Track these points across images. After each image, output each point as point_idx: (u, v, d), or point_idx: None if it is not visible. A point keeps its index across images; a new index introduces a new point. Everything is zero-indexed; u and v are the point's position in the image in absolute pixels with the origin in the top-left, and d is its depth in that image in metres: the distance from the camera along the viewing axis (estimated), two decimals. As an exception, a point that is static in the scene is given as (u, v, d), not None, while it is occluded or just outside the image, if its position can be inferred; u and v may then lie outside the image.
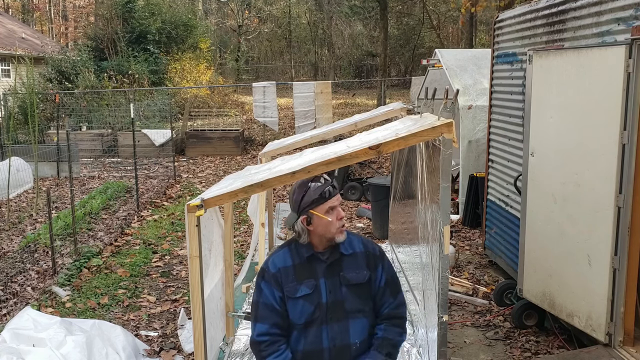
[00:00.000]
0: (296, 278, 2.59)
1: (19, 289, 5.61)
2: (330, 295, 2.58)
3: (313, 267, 2.61)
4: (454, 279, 5.61)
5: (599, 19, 3.93)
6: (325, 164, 2.68)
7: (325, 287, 2.59)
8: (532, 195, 4.41)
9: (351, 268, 2.61)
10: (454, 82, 7.82)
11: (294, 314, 2.59)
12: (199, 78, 21.28)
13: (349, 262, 2.62)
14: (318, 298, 2.58)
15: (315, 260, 2.61)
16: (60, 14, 36.11)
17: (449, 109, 2.89)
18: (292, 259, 2.64)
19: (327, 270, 2.60)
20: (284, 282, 2.60)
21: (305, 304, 2.58)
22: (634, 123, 3.56)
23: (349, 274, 2.60)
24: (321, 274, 2.60)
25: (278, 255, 2.68)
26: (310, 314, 2.57)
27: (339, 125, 5.69)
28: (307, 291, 2.57)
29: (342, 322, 2.59)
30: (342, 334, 2.58)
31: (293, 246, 2.67)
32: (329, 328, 2.57)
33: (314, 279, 2.59)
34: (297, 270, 2.61)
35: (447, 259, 2.90)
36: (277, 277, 2.61)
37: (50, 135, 13.45)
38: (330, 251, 2.61)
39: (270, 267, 2.64)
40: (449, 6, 23.82)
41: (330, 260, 2.60)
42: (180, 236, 7.58)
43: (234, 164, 13.17)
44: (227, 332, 3.93)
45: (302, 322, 2.59)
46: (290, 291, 2.59)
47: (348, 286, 2.59)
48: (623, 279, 3.73)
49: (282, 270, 2.61)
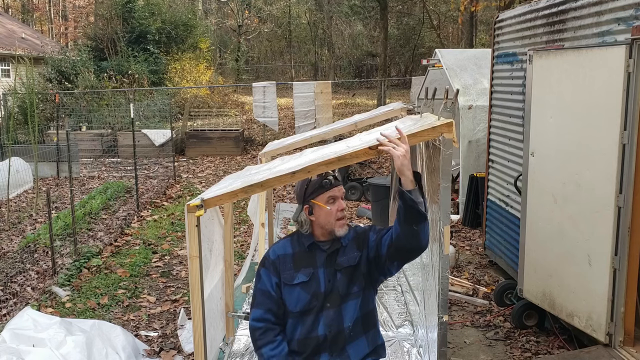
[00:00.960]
0: (294, 265, 2.65)
1: (19, 289, 5.61)
2: (329, 285, 2.61)
3: (313, 256, 2.65)
4: (454, 279, 5.61)
5: (599, 19, 3.93)
6: (325, 164, 2.67)
7: (324, 276, 2.62)
8: (532, 195, 4.41)
9: (344, 255, 2.65)
10: (454, 82, 7.82)
11: (290, 301, 2.63)
12: (199, 78, 21.27)
13: (344, 250, 2.66)
14: (316, 287, 2.61)
15: (316, 249, 2.65)
16: (60, 14, 36.10)
17: (449, 109, 2.89)
18: (293, 247, 2.70)
19: (327, 260, 2.64)
20: (281, 269, 2.65)
21: (301, 292, 2.61)
22: (634, 123, 3.55)
23: (341, 258, 2.63)
24: (320, 264, 2.64)
25: (279, 244, 2.76)
26: (306, 303, 2.61)
27: (339, 125, 5.68)
28: (304, 279, 2.62)
29: (336, 307, 2.61)
30: (337, 319, 2.61)
31: (295, 236, 2.73)
32: (325, 315, 2.60)
33: (312, 268, 2.63)
34: (296, 258, 2.66)
35: (447, 259, 2.90)
36: (276, 263, 2.67)
37: (50, 135, 13.45)
38: (332, 242, 2.65)
39: (271, 254, 2.72)
40: (449, 6, 23.79)
41: (331, 250, 2.64)
42: (180, 236, 7.58)
43: (234, 164, 13.17)
44: (227, 332, 3.92)
45: (298, 311, 2.62)
46: (287, 278, 2.64)
47: (340, 271, 2.62)
48: (623, 279, 3.73)
49: (280, 257, 2.68)
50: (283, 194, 9.98)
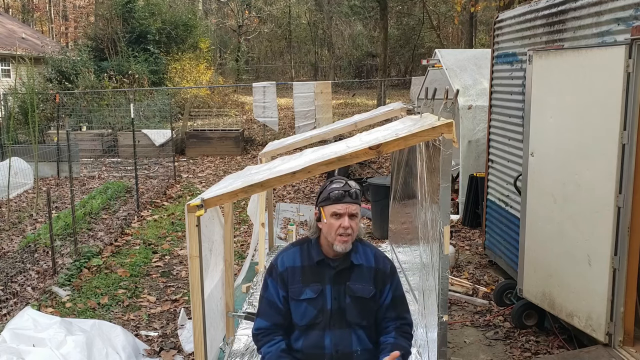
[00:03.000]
0: (302, 280, 2.60)
1: (19, 289, 5.61)
2: (335, 303, 2.58)
3: (321, 272, 2.60)
4: (454, 279, 5.61)
5: (599, 19, 3.93)
6: (325, 164, 2.68)
7: (331, 294, 2.58)
8: (532, 195, 4.41)
9: (358, 280, 2.60)
10: (454, 82, 7.82)
11: (297, 315, 2.60)
12: (199, 78, 21.27)
13: (357, 273, 2.61)
14: (322, 303, 2.57)
15: (325, 265, 2.60)
16: (60, 14, 36.10)
17: (449, 109, 2.89)
18: (302, 259, 2.64)
19: (335, 277, 2.59)
20: (289, 282, 2.61)
21: (308, 307, 2.58)
22: (634, 123, 3.56)
23: (355, 285, 2.59)
24: (328, 280, 2.59)
25: (288, 253, 2.69)
26: (312, 318, 2.58)
27: (339, 125, 5.69)
28: (312, 295, 2.57)
29: (344, 330, 2.58)
30: (345, 340, 2.58)
31: (305, 247, 2.66)
32: (332, 334, 2.57)
33: (320, 284, 2.58)
34: (304, 272, 2.61)
35: (447, 259, 2.90)
36: (284, 276, 2.62)
37: (51, 135, 13.45)
38: (342, 259, 2.59)
39: (279, 265, 2.66)
40: (449, 6, 23.79)
41: (340, 267, 2.59)
42: (180, 236, 7.58)
43: (234, 164, 13.17)
44: (227, 332, 3.93)
45: (304, 324, 2.60)
46: (294, 292, 2.59)
47: (352, 297, 2.58)
48: (623, 279, 3.73)
49: (289, 269, 2.63)
50: (283, 194, 9.98)
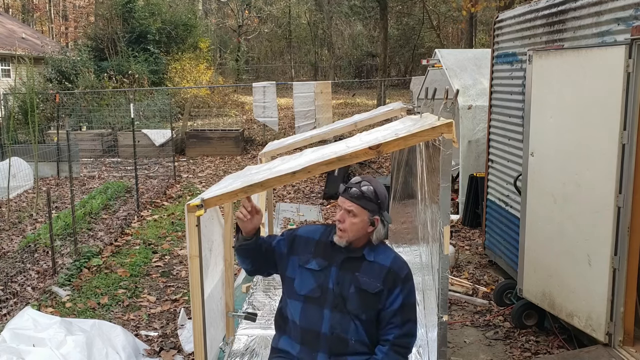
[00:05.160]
0: (314, 252, 2.71)
1: (19, 289, 5.61)
2: (337, 287, 2.63)
3: (332, 253, 2.69)
4: (454, 279, 5.61)
5: (599, 19, 3.93)
6: (325, 164, 2.68)
7: (336, 276, 2.64)
8: (532, 195, 4.41)
9: (367, 273, 2.64)
10: (454, 82, 7.82)
11: (298, 282, 2.70)
12: (199, 78, 21.27)
13: (367, 267, 2.65)
14: (324, 280, 2.64)
15: (337, 249, 2.69)
16: (60, 14, 36.10)
17: (449, 109, 2.89)
18: (321, 235, 2.76)
19: (344, 262, 2.66)
20: (300, 250, 2.74)
21: (310, 278, 2.66)
22: (634, 123, 3.56)
23: (362, 277, 2.63)
24: (335, 263, 2.66)
25: (313, 227, 2.86)
26: (311, 290, 2.65)
27: (339, 125, 5.69)
28: (316, 267, 2.67)
29: (345, 315, 2.62)
30: (343, 325, 2.62)
31: (329, 228, 2.78)
32: (332, 316, 2.61)
33: (327, 261, 2.67)
34: (317, 246, 2.73)
35: (447, 259, 2.90)
36: (297, 239, 2.78)
37: (51, 135, 13.45)
38: (354, 250, 2.68)
39: (300, 230, 2.84)
40: (449, 6, 23.79)
41: (350, 255, 2.66)
42: (180, 236, 7.58)
43: (234, 164, 13.17)
44: (227, 332, 3.93)
45: (303, 295, 2.67)
46: (302, 260, 2.71)
47: (357, 288, 2.62)
48: (623, 279, 3.73)
49: (305, 238, 2.77)
50: (283, 194, 9.98)
